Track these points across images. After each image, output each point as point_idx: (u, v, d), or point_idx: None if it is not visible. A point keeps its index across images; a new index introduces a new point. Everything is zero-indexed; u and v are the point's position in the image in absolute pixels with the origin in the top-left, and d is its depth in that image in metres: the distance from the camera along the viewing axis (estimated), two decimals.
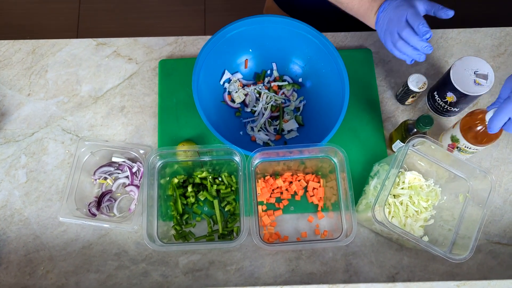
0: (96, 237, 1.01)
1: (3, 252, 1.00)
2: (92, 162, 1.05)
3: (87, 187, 1.04)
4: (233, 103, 1.12)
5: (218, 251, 1.00)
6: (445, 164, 0.96)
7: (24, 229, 1.01)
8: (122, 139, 1.09)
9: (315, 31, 1.03)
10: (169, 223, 1.01)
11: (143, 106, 1.12)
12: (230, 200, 1.02)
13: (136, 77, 1.15)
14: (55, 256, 1.00)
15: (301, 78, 1.14)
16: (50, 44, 1.18)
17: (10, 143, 1.08)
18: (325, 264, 1.00)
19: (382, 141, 1.09)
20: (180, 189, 1.02)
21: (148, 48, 1.18)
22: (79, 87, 1.14)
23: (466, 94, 0.98)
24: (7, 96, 1.13)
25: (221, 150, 0.97)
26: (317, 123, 1.07)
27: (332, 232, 1.01)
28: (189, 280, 0.98)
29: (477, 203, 0.92)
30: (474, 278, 0.99)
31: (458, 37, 1.20)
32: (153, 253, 1.00)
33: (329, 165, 0.99)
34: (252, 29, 1.05)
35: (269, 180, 1.03)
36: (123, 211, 1.04)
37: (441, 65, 1.16)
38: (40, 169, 1.06)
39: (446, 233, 0.94)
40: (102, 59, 1.17)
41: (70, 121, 1.11)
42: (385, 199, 0.87)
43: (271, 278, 0.99)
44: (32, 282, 0.98)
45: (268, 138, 1.09)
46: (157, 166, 0.99)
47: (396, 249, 1.01)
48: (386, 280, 0.98)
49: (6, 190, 1.04)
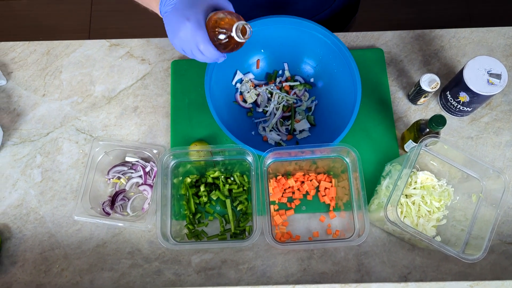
0: (110, 235, 1.02)
1: (19, 250, 1.01)
2: (106, 162, 1.06)
3: (101, 186, 1.06)
4: (245, 103, 1.13)
5: (230, 250, 1.01)
6: (458, 164, 0.96)
7: (40, 228, 1.03)
8: (135, 139, 1.10)
9: (327, 31, 1.03)
10: (182, 222, 1.02)
11: (156, 106, 1.13)
12: (242, 200, 1.03)
13: (149, 78, 1.16)
14: (69, 254, 1.01)
15: (313, 78, 1.14)
16: (64, 45, 1.20)
17: (26, 143, 1.10)
18: (337, 263, 1.00)
19: (394, 141, 1.09)
20: (192, 189, 1.03)
21: (161, 49, 1.19)
22: (93, 87, 1.16)
23: (479, 94, 0.97)
24: (23, 96, 1.14)
25: (234, 150, 0.98)
26: (328, 123, 1.07)
27: (344, 232, 1.01)
28: (202, 279, 0.99)
29: (490, 203, 0.92)
30: (487, 278, 0.98)
31: (470, 36, 1.19)
32: (166, 251, 1.01)
33: (341, 165, 0.99)
34: (264, 29, 1.05)
35: (281, 180, 1.04)
36: (136, 210, 1.05)
37: (454, 65, 1.16)
38: (55, 168, 1.08)
39: (458, 233, 0.94)
40: (116, 60, 1.18)
41: (84, 121, 1.12)
42: (397, 199, 0.87)
43: (283, 277, 0.99)
44: (47, 279, 0.99)
45: (280, 138, 1.10)
46: (171, 165, 1.00)
47: (408, 249, 1.01)
48: (398, 280, 0.98)
49: (22, 189, 1.06)
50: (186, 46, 0.79)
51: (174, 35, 0.78)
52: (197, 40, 0.76)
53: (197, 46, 0.77)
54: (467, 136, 1.09)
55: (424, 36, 1.19)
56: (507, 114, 1.11)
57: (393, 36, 1.19)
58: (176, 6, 0.77)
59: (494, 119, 1.11)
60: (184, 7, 0.76)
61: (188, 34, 0.76)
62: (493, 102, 1.13)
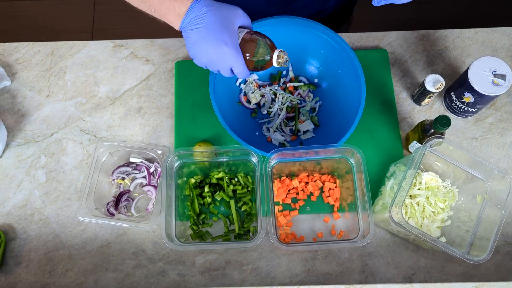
0: (114, 236, 1.02)
1: (24, 250, 1.01)
2: (110, 163, 1.06)
3: (105, 187, 1.06)
4: (249, 104, 1.13)
5: (234, 250, 1.01)
6: (462, 164, 0.95)
7: (44, 228, 1.03)
8: (139, 140, 1.11)
9: (331, 31, 1.03)
10: (186, 223, 1.02)
11: (160, 107, 1.13)
12: (246, 200, 1.03)
13: (152, 78, 1.16)
14: (74, 255, 1.01)
15: (317, 78, 1.14)
16: (68, 46, 1.20)
17: (30, 143, 1.10)
18: (341, 264, 1.00)
19: (398, 141, 1.09)
20: (197, 189, 1.03)
21: (165, 49, 1.19)
22: (97, 88, 1.16)
23: (484, 94, 0.97)
24: (27, 97, 1.15)
25: (238, 150, 0.98)
26: (333, 124, 1.07)
27: (348, 233, 1.01)
28: (206, 280, 0.99)
29: (495, 204, 0.91)
30: (492, 279, 0.98)
31: (475, 37, 1.19)
32: (170, 252, 1.01)
33: (345, 166, 0.99)
34: (268, 30, 1.05)
35: (285, 180, 1.04)
36: (140, 210, 1.05)
37: (458, 65, 1.16)
38: (59, 169, 1.08)
39: (463, 234, 0.94)
40: (119, 61, 1.18)
41: (88, 121, 1.12)
42: (402, 200, 0.87)
43: (287, 278, 0.99)
44: (52, 280, 0.99)
45: (284, 138, 1.10)
46: (175, 166, 1.00)
47: (412, 250, 1.00)
48: (403, 281, 0.98)
49: (27, 189, 1.06)
50: (215, 66, 0.80)
51: (205, 55, 0.78)
52: (233, 64, 0.78)
53: (231, 68, 0.80)
54: (472, 136, 1.09)
55: (428, 37, 1.19)
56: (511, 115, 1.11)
57: (397, 36, 1.19)
58: (208, 26, 0.76)
59: (498, 119, 1.11)
60: (217, 29, 0.76)
61: (225, 57, 0.77)
62: (498, 102, 1.13)
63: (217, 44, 0.76)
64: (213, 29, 0.76)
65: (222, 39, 0.76)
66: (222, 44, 0.76)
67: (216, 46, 0.76)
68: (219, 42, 0.76)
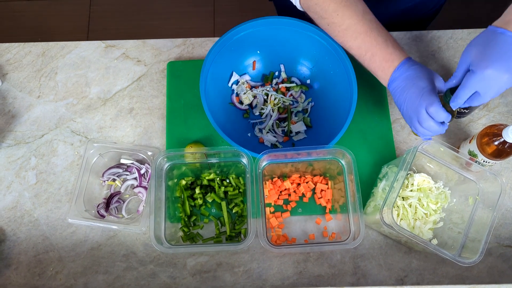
0: (105, 238, 1.02)
1: (13, 253, 1.01)
2: (101, 164, 1.06)
3: (96, 188, 1.05)
4: (241, 104, 1.12)
5: (225, 253, 1.00)
6: (454, 166, 0.95)
7: (34, 230, 1.02)
8: (130, 141, 1.10)
9: (323, 32, 1.03)
10: (177, 224, 1.01)
11: (152, 108, 1.13)
12: (237, 202, 1.02)
13: (144, 79, 1.16)
14: (64, 257, 1.00)
15: (309, 79, 1.13)
16: (60, 47, 1.19)
17: (20, 144, 1.09)
18: (333, 266, 0.99)
19: (391, 143, 1.08)
20: (188, 191, 1.03)
21: (157, 50, 1.19)
22: (88, 89, 1.15)
23: None
24: (18, 98, 1.14)
25: (229, 152, 0.97)
26: (325, 125, 1.07)
27: (340, 234, 1.00)
28: (197, 282, 0.98)
29: (487, 205, 0.91)
30: (485, 282, 0.97)
31: (468, 37, 1.18)
32: (161, 254, 1.00)
33: (337, 167, 0.99)
34: (260, 30, 1.05)
35: (276, 182, 1.03)
36: (131, 212, 1.04)
37: (451, 66, 1.15)
38: (49, 170, 1.07)
39: (455, 236, 0.93)
40: (111, 61, 1.18)
41: (79, 123, 1.12)
42: (393, 201, 0.86)
43: (278, 280, 0.98)
44: (41, 282, 0.98)
45: (276, 140, 1.09)
46: (165, 168, 0.99)
47: (404, 252, 1.00)
48: (395, 283, 0.97)
49: (16, 191, 1.05)
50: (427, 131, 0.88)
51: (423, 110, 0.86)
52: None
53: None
54: (464, 138, 1.08)
55: (421, 37, 1.18)
56: (504, 116, 1.11)
57: None
58: (425, 91, 0.86)
59: (491, 120, 1.10)
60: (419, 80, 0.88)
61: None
62: (491, 103, 1.12)
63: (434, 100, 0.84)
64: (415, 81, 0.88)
65: (428, 100, 0.85)
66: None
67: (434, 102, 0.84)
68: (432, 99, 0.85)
